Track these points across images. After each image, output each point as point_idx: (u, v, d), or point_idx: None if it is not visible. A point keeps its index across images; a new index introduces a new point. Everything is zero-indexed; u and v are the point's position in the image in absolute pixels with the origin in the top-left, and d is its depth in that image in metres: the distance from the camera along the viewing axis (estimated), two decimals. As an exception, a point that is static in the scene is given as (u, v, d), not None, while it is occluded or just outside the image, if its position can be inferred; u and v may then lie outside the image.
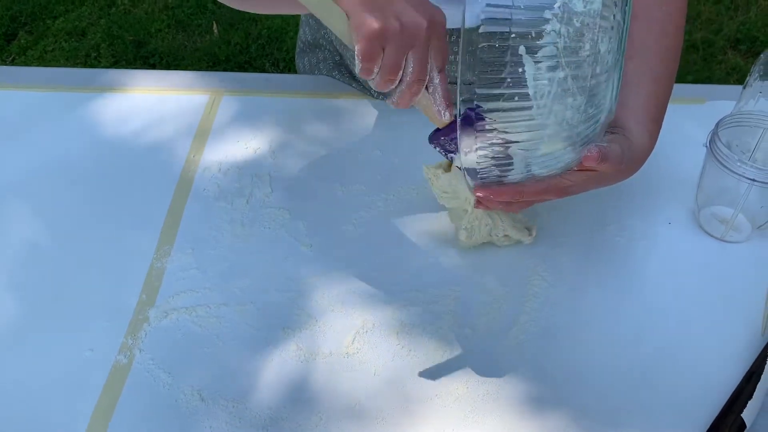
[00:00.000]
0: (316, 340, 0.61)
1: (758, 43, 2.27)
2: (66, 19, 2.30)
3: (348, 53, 0.84)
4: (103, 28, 2.26)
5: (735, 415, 0.52)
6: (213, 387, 0.57)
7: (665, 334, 0.62)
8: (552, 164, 0.54)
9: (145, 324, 0.61)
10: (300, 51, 0.96)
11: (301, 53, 0.95)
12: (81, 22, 2.29)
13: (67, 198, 0.72)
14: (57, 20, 2.29)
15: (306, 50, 0.94)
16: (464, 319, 0.63)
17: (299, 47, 0.96)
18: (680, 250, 0.69)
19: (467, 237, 0.66)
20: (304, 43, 0.93)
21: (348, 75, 0.88)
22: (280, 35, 2.25)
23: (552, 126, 0.50)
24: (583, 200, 0.73)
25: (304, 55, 0.94)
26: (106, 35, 2.23)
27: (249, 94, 0.86)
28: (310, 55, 0.93)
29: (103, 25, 2.27)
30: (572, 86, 0.49)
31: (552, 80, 0.48)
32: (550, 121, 0.50)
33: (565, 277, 0.66)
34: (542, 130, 0.51)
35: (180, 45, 2.22)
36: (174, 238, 0.69)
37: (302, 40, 0.94)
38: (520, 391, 0.58)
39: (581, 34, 0.48)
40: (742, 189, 0.65)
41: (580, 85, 0.49)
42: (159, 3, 2.38)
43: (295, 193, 0.74)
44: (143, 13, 2.34)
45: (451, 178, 0.66)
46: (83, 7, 2.35)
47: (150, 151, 0.78)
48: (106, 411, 0.56)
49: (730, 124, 0.68)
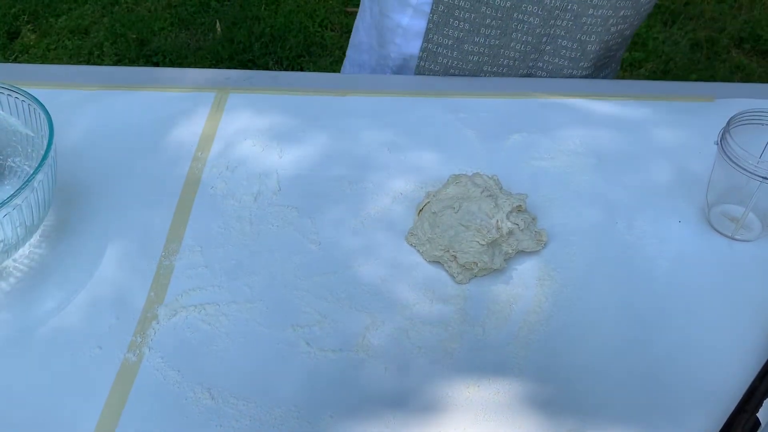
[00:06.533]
0: (326, 338, 0.60)
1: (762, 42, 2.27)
2: (69, 17, 2.30)
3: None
4: (106, 27, 2.26)
5: (749, 414, 0.52)
6: (222, 385, 0.57)
7: (676, 333, 0.62)
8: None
9: (154, 322, 0.61)
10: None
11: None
12: (84, 20, 2.29)
13: (74, 194, 0.72)
14: (60, 18, 2.29)
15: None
16: (475, 318, 0.62)
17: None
18: (690, 248, 0.69)
19: (462, 275, 0.65)
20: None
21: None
22: (283, 34, 2.24)
23: None
24: (592, 199, 0.73)
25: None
26: (109, 33, 2.23)
27: (256, 92, 0.86)
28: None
29: (106, 24, 2.27)
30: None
31: None
32: None
33: (574, 277, 0.66)
34: None
35: (183, 43, 2.22)
36: (182, 236, 0.68)
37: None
38: (530, 390, 0.57)
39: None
40: (753, 187, 0.65)
41: None
42: (162, 1, 2.38)
43: (303, 191, 0.73)
44: (146, 12, 2.34)
45: (420, 222, 0.67)
46: (86, 5, 2.35)
47: (157, 148, 0.78)
48: (115, 409, 0.55)
49: (741, 122, 0.67)
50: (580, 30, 0.88)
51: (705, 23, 2.35)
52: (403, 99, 0.85)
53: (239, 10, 2.34)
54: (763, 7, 2.41)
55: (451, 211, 0.66)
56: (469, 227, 0.65)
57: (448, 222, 0.66)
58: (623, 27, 0.90)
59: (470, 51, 0.90)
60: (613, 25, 0.89)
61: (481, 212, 0.65)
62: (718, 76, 2.15)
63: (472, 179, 0.69)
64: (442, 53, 0.91)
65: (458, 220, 0.65)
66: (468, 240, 0.64)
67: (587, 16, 0.87)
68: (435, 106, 0.84)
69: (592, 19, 0.87)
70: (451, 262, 0.65)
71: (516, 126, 0.82)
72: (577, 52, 0.90)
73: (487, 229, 0.64)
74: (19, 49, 2.17)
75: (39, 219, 0.64)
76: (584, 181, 0.75)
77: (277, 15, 2.32)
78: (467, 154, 0.78)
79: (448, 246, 0.65)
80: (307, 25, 2.29)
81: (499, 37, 0.88)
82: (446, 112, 0.83)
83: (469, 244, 0.64)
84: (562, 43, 0.89)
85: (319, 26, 2.30)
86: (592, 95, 0.86)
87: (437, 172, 0.75)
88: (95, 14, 2.32)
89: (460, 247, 0.64)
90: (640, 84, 0.93)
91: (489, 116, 0.83)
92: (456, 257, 0.64)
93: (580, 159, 0.78)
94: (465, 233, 0.65)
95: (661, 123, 0.82)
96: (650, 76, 2.15)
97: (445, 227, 0.66)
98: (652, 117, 0.83)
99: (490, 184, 0.69)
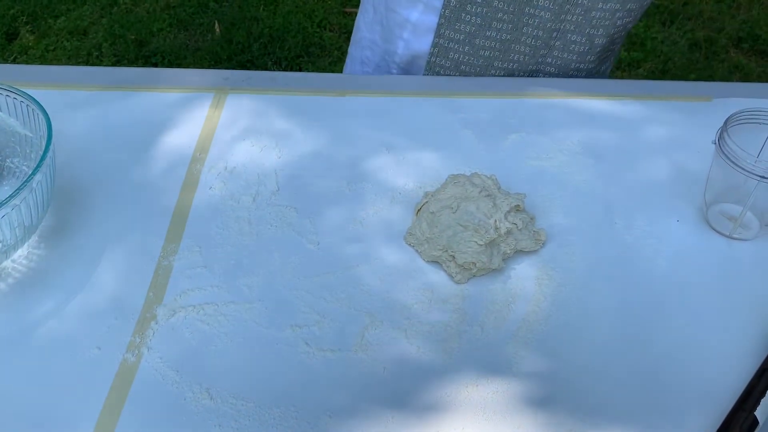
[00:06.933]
0: (324, 338, 0.61)
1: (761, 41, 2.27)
2: (68, 18, 2.30)
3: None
4: (104, 28, 2.26)
5: (747, 413, 0.52)
6: (221, 385, 0.57)
7: (674, 332, 0.62)
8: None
9: (153, 322, 0.61)
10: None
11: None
12: (83, 21, 2.29)
13: (73, 194, 0.72)
14: (59, 19, 2.29)
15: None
16: (473, 318, 0.62)
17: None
18: (688, 248, 0.69)
19: (461, 275, 0.65)
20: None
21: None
22: (282, 34, 2.24)
23: None
24: (590, 199, 0.73)
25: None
26: (108, 34, 2.23)
27: (254, 92, 0.86)
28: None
29: (104, 25, 2.27)
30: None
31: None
32: None
33: (573, 277, 0.66)
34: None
35: (182, 44, 2.22)
36: (181, 237, 0.68)
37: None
38: (529, 389, 0.57)
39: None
40: (751, 186, 0.65)
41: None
42: (161, 2, 2.38)
43: (302, 191, 0.73)
44: (145, 13, 2.33)
45: (419, 222, 0.67)
46: (85, 6, 2.35)
47: (156, 149, 0.78)
48: (114, 410, 0.55)
49: (738, 121, 0.67)
50: (589, 24, 0.89)
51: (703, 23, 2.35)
52: (401, 99, 0.85)
53: (238, 11, 2.34)
54: (762, 6, 2.41)
55: (449, 211, 0.66)
56: (467, 227, 0.65)
57: (446, 222, 0.66)
58: (628, 20, 0.91)
59: (481, 46, 0.90)
60: (619, 19, 0.89)
61: (479, 212, 0.65)
62: (717, 75, 2.15)
63: (470, 179, 0.70)
64: (453, 48, 0.91)
65: (456, 220, 0.66)
66: (466, 240, 0.64)
67: (597, 10, 0.87)
68: (434, 106, 0.84)
69: (601, 13, 0.88)
70: (449, 262, 0.65)
71: (515, 126, 0.82)
72: (585, 46, 0.91)
73: (485, 229, 0.64)
74: (18, 50, 2.17)
75: (38, 220, 0.64)
76: (583, 181, 0.75)
77: (276, 15, 2.32)
78: (466, 154, 0.78)
79: (446, 246, 0.65)
80: (305, 26, 2.29)
81: (510, 32, 0.88)
82: (445, 112, 0.83)
83: (468, 244, 0.64)
84: (572, 38, 0.90)
85: (317, 27, 2.30)
86: (590, 95, 0.86)
87: (436, 172, 0.75)
88: (94, 15, 2.32)
89: (458, 247, 0.64)
90: (638, 84, 0.93)
91: (488, 116, 0.83)
92: (454, 257, 0.64)
93: (579, 159, 0.78)
94: (463, 233, 0.65)
95: (658, 122, 0.83)
96: (649, 76, 2.15)
97: (443, 227, 0.66)
98: (650, 117, 0.83)
99: (488, 184, 0.69)
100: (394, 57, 0.97)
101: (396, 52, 0.96)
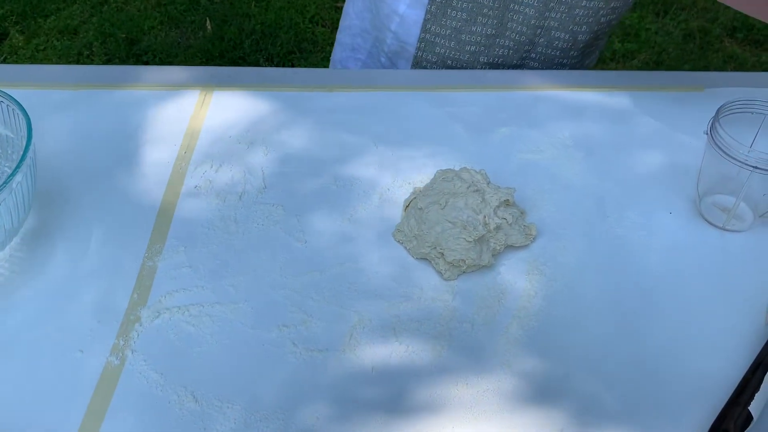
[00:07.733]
0: (312, 338, 0.60)
1: (755, 31, 2.26)
2: (58, 17, 2.28)
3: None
4: (95, 26, 2.24)
5: (741, 408, 0.51)
6: (207, 387, 0.56)
7: (667, 326, 0.61)
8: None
9: (137, 324, 0.60)
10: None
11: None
12: (73, 20, 2.27)
13: (55, 195, 0.71)
14: (49, 19, 2.27)
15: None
16: (463, 315, 0.61)
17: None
18: (681, 240, 0.68)
19: (450, 272, 0.64)
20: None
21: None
22: (274, 30, 2.23)
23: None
24: (581, 192, 0.72)
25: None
26: (99, 33, 2.21)
27: (240, 89, 0.84)
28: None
29: (95, 23, 2.26)
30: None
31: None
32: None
33: (564, 271, 0.65)
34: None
35: (173, 42, 2.20)
36: (166, 236, 0.67)
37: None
38: (520, 387, 0.57)
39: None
40: (744, 177, 0.64)
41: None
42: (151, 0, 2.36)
43: (289, 189, 0.72)
44: (135, 11, 2.32)
45: (407, 218, 0.66)
46: (75, 5, 2.34)
47: (140, 147, 0.76)
48: (97, 413, 0.54)
49: (730, 111, 0.66)
50: (573, 21, 0.88)
51: (697, 13, 2.34)
52: (389, 94, 0.84)
53: (229, 8, 2.32)
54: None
55: (437, 207, 0.65)
56: (455, 224, 0.64)
57: (435, 218, 0.65)
58: (612, 17, 0.91)
59: (467, 41, 0.90)
60: (603, 16, 0.89)
61: (468, 208, 0.64)
62: (712, 66, 2.14)
63: (458, 174, 0.68)
64: (439, 43, 0.91)
65: (445, 217, 0.64)
66: (455, 237, 0.63)
67: (580, 7, 0.87)
68: (422, 100, 0.83)
69: (585, 10, 0.87)
70: (438, 259, 0.64)
71: (504, 119, 0.81)
72: (568, 42, 0.91)
73: (474, 225, 0.63)
74: (8, 50, 2.16)
75: (18, 222, 0.63)
76: (573, 174, 0.74)
77: (267, 12, 2.31)
78: (455, 148, 0.77)
79: (435, 243, 0.64)
80: (297, 22, 2.27)
81: (495, 27, 0.88)
82: (433, 106, 0.82)
83: (456, 242, 0.63)
84: (556, 34, 0.90)
85: (309, 22, 2.29)
86: (581, 87, 0.85)
87: (425, 167, 0.74)
88: (84, 14, 2.31)
89: (447, 245, 0.63)
90: (629, 75, 0.92)
91: (477, 110, 0.82)
92: (443, 254, 0.63)
93: (569, 151, 0.77)
94: (452, 230, 0.64)
95: (650, 114, 0.82)
96: (643, 67, 2.14)
97: (432, 224, 0.65)
98: (641, 108, 0.82)
99: (477, 179, 0.68)
100: (384, 46, 0.97)
101: (385, 41, 0.96)
